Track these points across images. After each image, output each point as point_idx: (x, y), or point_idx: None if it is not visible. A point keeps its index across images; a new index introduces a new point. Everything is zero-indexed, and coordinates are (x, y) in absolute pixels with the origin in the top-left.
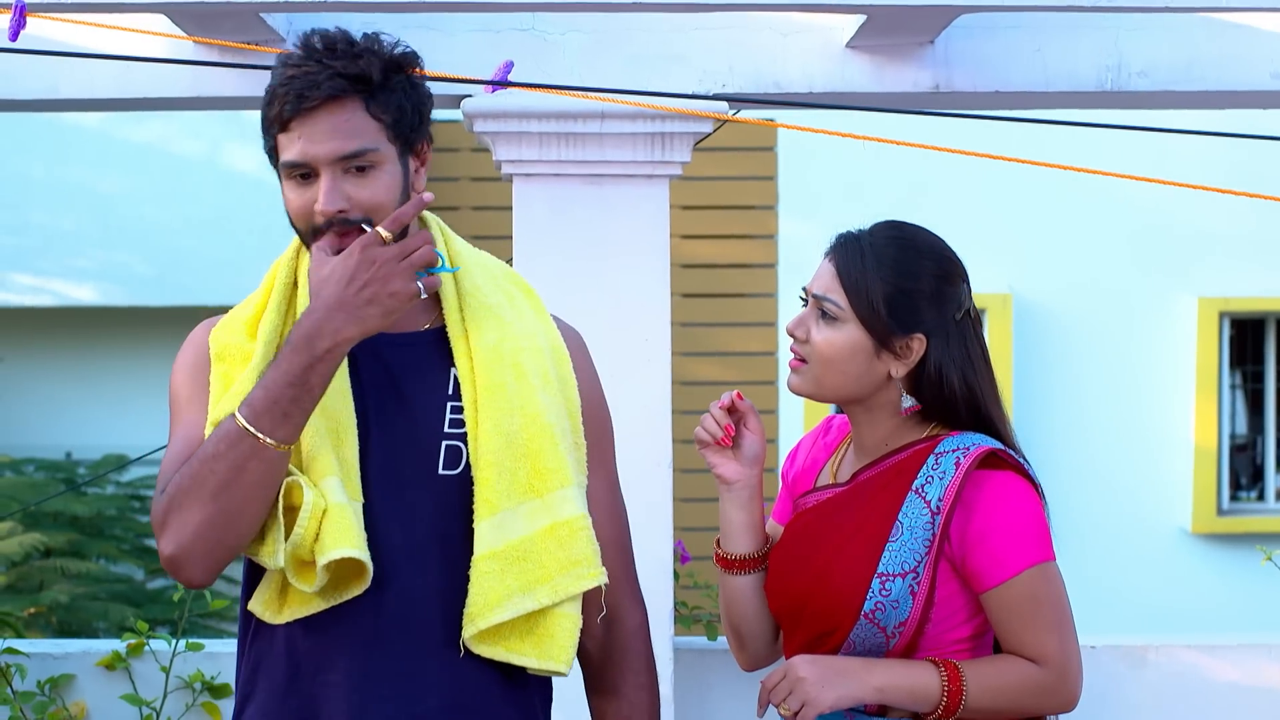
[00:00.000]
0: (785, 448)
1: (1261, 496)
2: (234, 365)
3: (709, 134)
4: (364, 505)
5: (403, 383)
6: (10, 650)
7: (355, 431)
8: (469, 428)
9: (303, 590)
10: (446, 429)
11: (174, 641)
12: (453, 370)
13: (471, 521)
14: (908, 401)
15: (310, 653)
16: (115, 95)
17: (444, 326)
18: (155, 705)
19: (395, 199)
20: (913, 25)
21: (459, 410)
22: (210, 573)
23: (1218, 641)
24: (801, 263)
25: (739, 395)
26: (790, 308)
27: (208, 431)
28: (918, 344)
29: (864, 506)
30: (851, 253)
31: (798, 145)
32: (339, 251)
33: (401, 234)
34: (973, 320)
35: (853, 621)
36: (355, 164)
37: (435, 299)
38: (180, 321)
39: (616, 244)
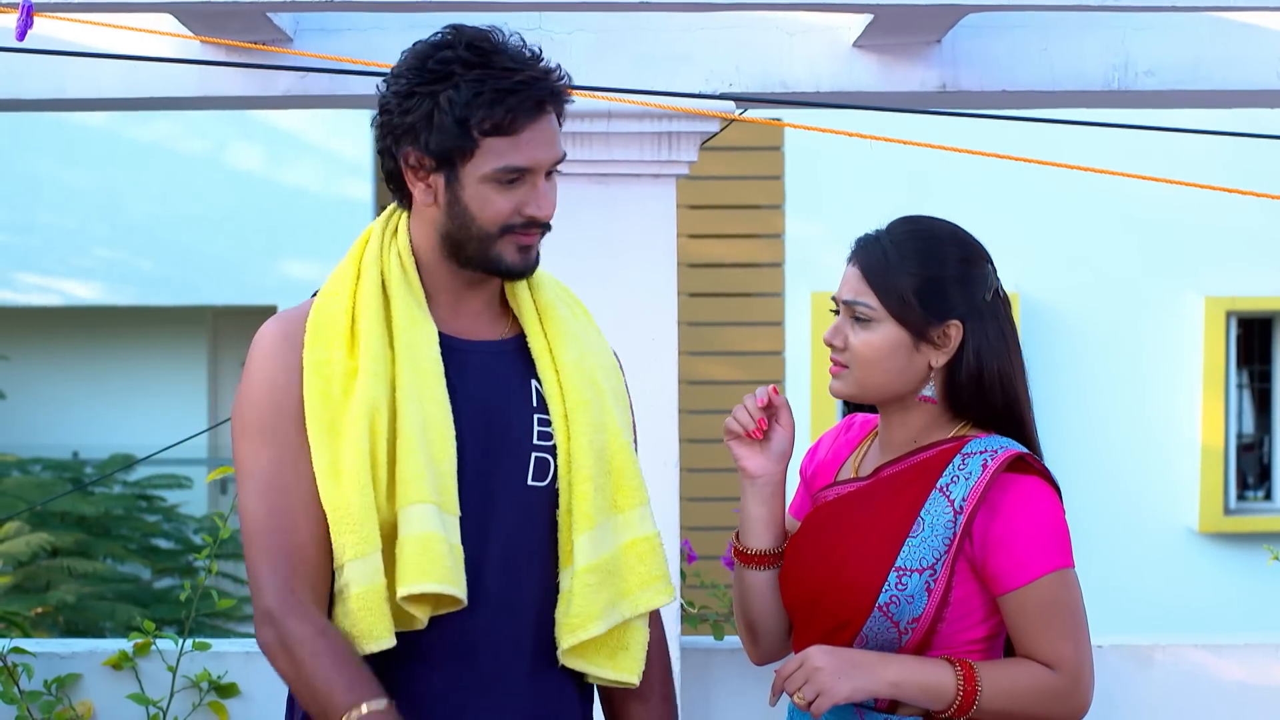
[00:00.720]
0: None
1: (1269, 496)
2: (333, 383)
3: (716, 133)
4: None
5: (491, 392)
6: (17, 650)
7: (454, 443)
8: (559, 442)
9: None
10: (536, 440)
11: (181, 641)
12: (533, 382)
13: (554, 534)
14: (928, 390)
15: (402, 665)
16: (122, 95)
17: (521, 336)
18: (162, 705)
19: None
20: (919, 25)
21: (545, 423)
22: None
23: (1225, 641)
24: (808, 262)
25: (775, 390)
26: (797, 308)
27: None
28: (955, 330)
29: (886, 501)
30: (874, 253)
31: (804, 145)
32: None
33: None
34: (1002, 300)
35: (867, 614)
36: (554, 169)
37: (507, 306)
38: (187, 320)
39: (623, 243)
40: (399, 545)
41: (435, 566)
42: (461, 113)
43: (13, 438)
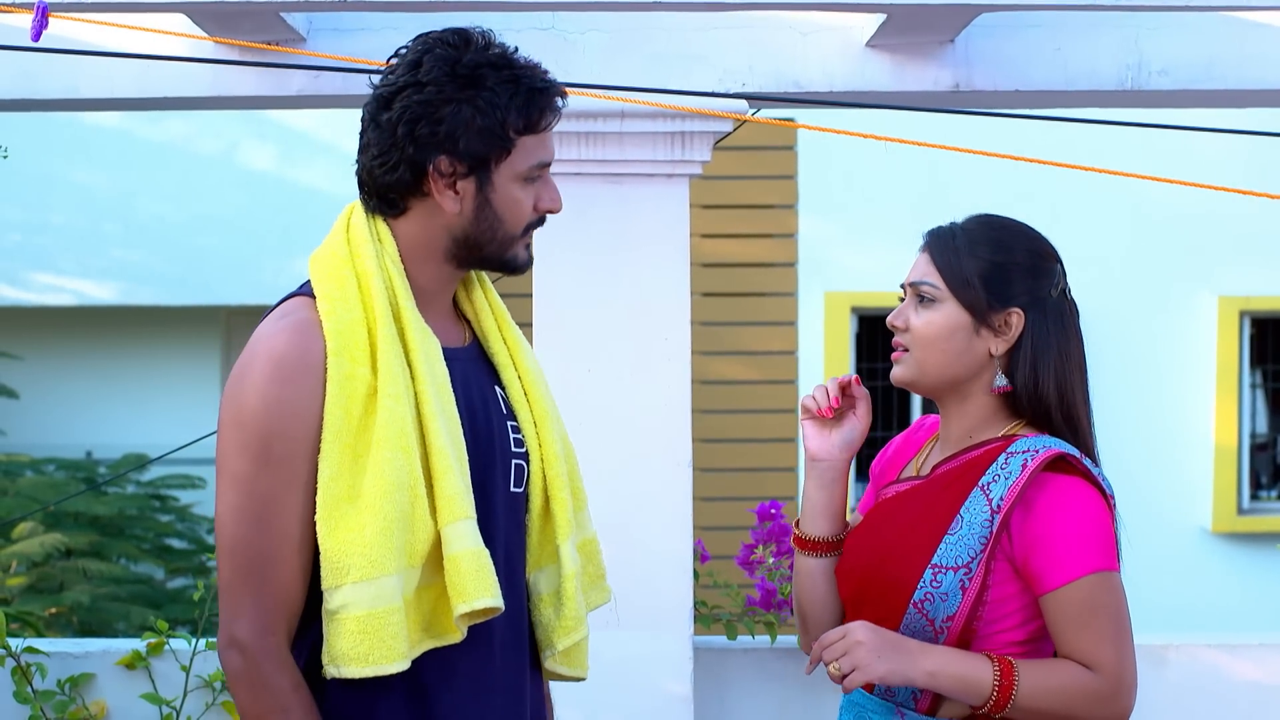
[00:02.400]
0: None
1: None
2: (356, 401)
3: (729, 133)
4: None
5: (473, 400)
6: (31, 649)
7: (467, 454)
8: (532, 449)
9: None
10: (513, 448)
11: (194, 640)
12: (498, 389)
13: (524, 538)
14: (1000, 380)
15: (425, 678)
16: (135, 95)
17: (477, 342)
18: (175, 704)
19: None
20: (933, 24)
21: (516, 429)
22: None
23: (1238, 641)
24: (821, 261)
25: (858, 380)
26: (810, 307)
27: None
28: (1016, 318)
29: (932, 498)
30: (944, 238)
31: (818, 144)
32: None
33: None
34: (1069, 301)
35: (903, 610)
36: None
37: (460, 311)
38: (200, 321)
39: (636, 243)
40: (451, 562)
41: (489, 580)
42: (501, 115)
43: (26, 438)
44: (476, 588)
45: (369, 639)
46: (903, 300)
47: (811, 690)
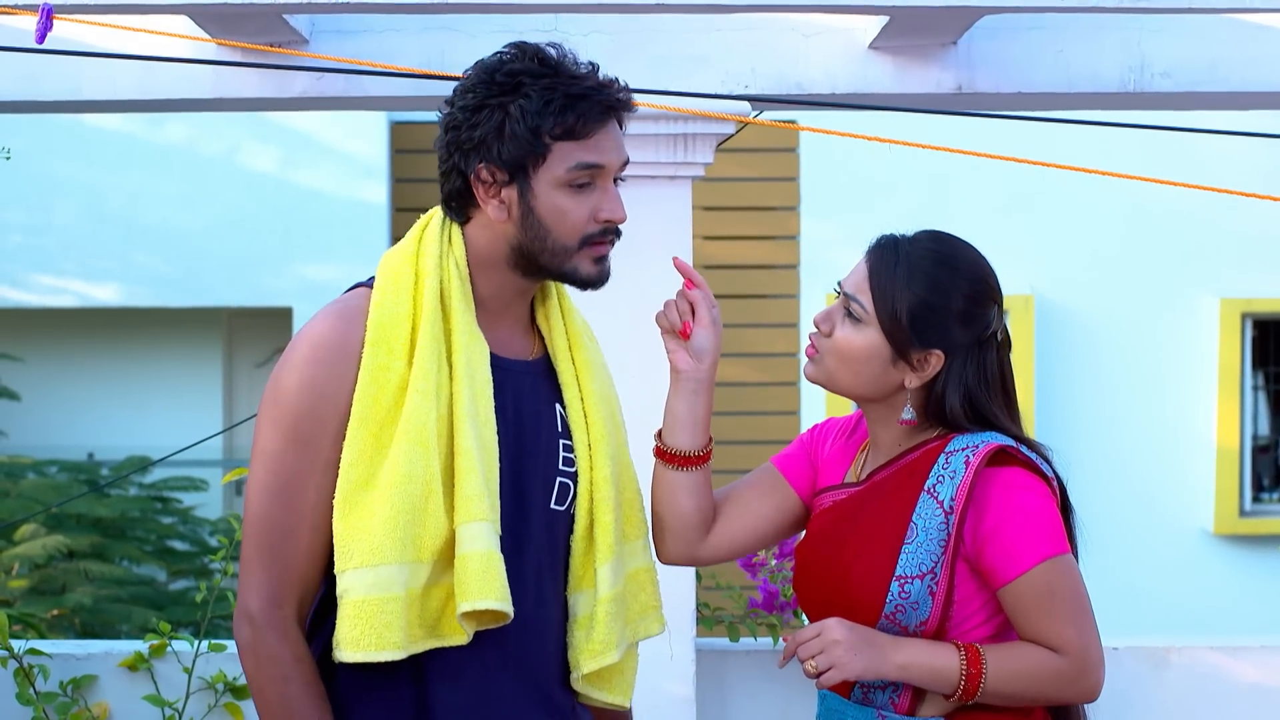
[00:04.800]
0: None
1: None
2: (386, 392)
3: (731, 135)
4: None
5: (523, 412)
6: (33, 651)
7: (498, 460)
8: (583, 470)
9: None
10: (561, 465)
11: (196, 642)
12: (558, 407)
13: (567, 558)
14: (907, 414)
15: (436, 680)
16: (138, 96)
17: (546, 357)
18: (178, 706)
19: None
20: (935, 26)
21: (569, 449)
22: None
23: (1240, 643)
24: (823, 264)
25: (689, 284)
26: (812, 309)
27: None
28: (935, 359)
29: (879, 508)
30: (887, 258)
31: (820, 146)
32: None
33: None
34: (998, 343)
35: (875, 623)
36: (620, 175)
37: (535, 328)
38: (202, 322)
39: (639, 245)
40: (460, 561)
41: (497, 583)
42: (534, 120)
43: (28, 439)
44: (481, 589)
45: (362, 624)
46: (837, 296)
47: (814, 692)
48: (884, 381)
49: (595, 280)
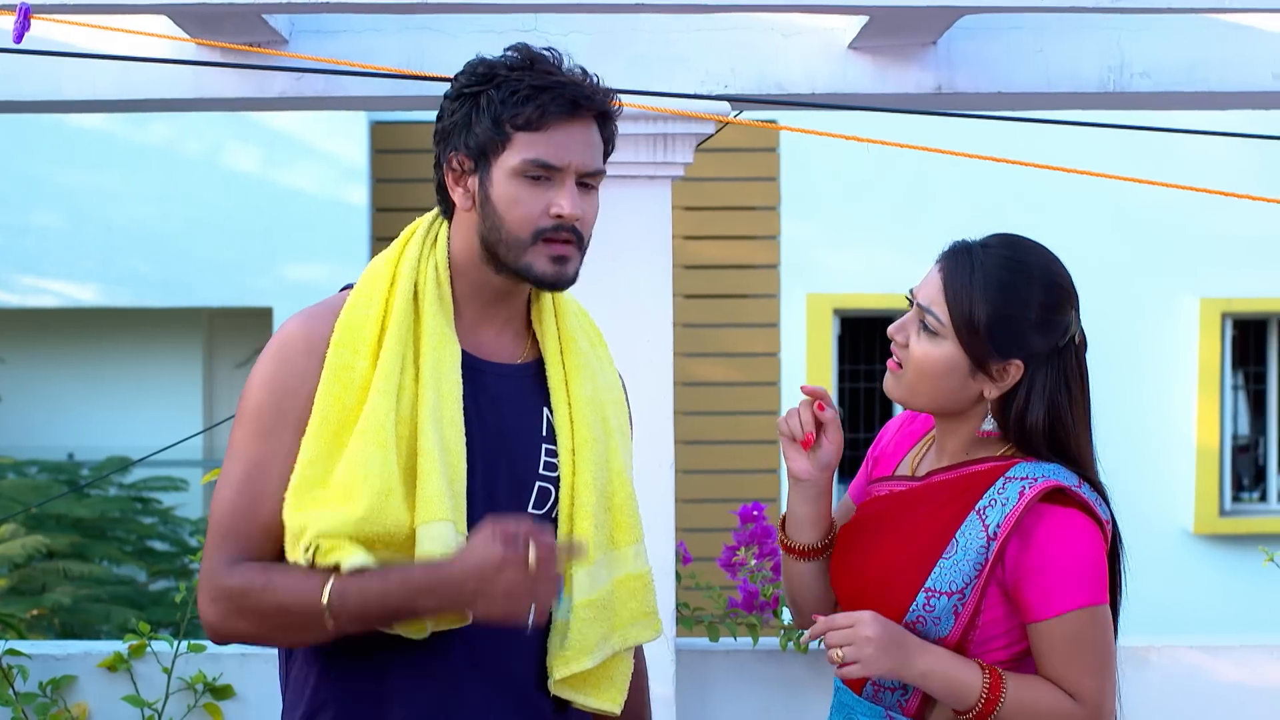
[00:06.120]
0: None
1: (1264, 497)
2: (349, 391)
3: (711, 135)
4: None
5: (504, 415)
6: (12, 651)
7: (465, 463)
8: (564, 475)
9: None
10: (541, 470)
11: (176, 643)
12: (545, 411)
13: None
14: (988, 425)
15: (401, 682)
16: (117, 96)
17: (539, 361)
18: (157, 706)
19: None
20: (915, 26)
21: (552, 454)
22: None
23: (1220, 642)
24: (803, 263)
25: (821, 406)
26: (792, 309)
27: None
28: (1015, 369)
29: (926, 515)
30: (961, 267)
31: (800, 146)
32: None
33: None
34: (1076, 347)
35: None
36: (589, 180)
37: (530, 331)
38: (183, 322)
39: (619, 245)
40: (418, 561)
41: None
42: (497, 110)
43: (8, 439)
44: None
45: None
46: (911, 304)
47: (794, 692)
48: (963, 395)
49: (554, 281)
